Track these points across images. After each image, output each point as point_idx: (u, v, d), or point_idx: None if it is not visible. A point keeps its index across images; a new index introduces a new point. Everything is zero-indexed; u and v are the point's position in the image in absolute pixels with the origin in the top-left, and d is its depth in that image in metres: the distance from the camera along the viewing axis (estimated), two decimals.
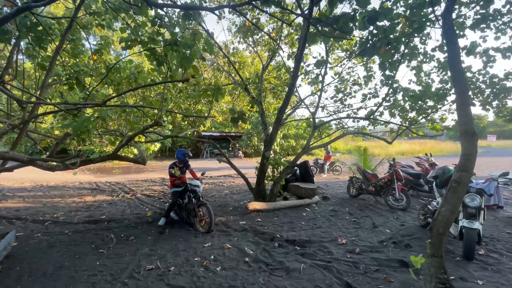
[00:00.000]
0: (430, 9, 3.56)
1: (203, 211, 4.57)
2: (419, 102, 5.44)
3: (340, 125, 7.63)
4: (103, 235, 4.39)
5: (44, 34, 3.84)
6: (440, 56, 8.42)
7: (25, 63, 6.04)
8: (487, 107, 4.85)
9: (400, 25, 3.65)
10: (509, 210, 5.86)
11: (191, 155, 5.19)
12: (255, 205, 5.86)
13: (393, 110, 5.97)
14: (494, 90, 4.62)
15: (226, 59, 7.75)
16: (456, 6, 3.93)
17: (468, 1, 3.98)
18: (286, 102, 6.19)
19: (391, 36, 3.45)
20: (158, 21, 3.48)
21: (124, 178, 11.54)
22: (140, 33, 3.69)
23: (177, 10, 4.45)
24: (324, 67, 6.27)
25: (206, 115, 6.52)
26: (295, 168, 7.32)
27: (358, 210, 6.00)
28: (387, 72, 5.00)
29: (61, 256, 3.63)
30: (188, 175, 5.11)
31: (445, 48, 4.07)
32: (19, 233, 4.48)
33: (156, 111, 4.77)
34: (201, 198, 4.75)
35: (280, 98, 9.80)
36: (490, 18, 3.83)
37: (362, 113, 6.80)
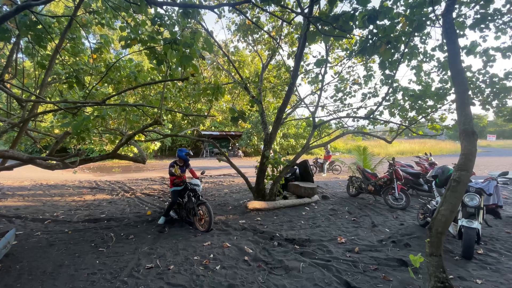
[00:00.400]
0: (430, 9, 3.56)
1: (203, 210, 4.58)
2: (419, 102, 5.45)
3: (340, 124, 7.63)
4: (102, 234, 4.40)
5: (43, 33, 3.83)
6: (440, 55, 8.42)
7: (24, 62, 6.03)
8: (487, 106, 4.85)
9: (400, 24, 3.65)
10: (508, 210, 5.87)
11: (192, 154, 5.20)
12: (255, 204, 5.87)
13: (393, 110, 5.98)
14: (494, 89, 4.62)
15: (226, 58, 7.74)
16: (456, 6, 3.92)
17: (468, 0, 3.97)
18: (286, 101, 6.19)
19: (391, 35, 3.45)
20: (158, 20, 3.48)
21: (123, 177, 11.55)
22: (140, 32, 3.69)
23: (177, 8, 4.44)
24: (324, 66, 6.26)
25: (206, 114, 6.51)
26: (295, 167, 7.33)
27: (358, 209, 6.01)
28: (387, 72, 5.01)
29: (60, 254, 3.64)
30: (188, 174, 5.12)
31: (445, 47, 4.07)
32: (19, 231, 4.49)
33: (155, 110, 4.76)
34: (200, 197, 4.76)
35: (280, 97, 9.79)
36: (490, 17, 3.83)
37: (362, 112, 6.80)
